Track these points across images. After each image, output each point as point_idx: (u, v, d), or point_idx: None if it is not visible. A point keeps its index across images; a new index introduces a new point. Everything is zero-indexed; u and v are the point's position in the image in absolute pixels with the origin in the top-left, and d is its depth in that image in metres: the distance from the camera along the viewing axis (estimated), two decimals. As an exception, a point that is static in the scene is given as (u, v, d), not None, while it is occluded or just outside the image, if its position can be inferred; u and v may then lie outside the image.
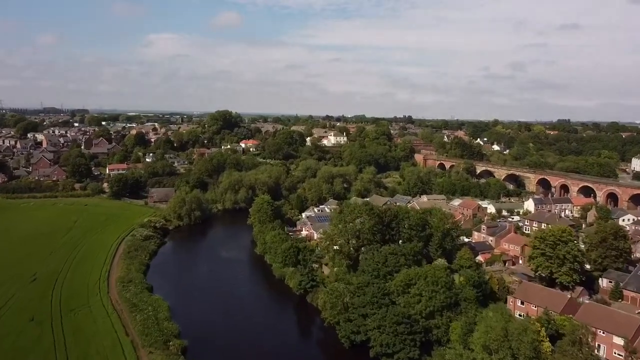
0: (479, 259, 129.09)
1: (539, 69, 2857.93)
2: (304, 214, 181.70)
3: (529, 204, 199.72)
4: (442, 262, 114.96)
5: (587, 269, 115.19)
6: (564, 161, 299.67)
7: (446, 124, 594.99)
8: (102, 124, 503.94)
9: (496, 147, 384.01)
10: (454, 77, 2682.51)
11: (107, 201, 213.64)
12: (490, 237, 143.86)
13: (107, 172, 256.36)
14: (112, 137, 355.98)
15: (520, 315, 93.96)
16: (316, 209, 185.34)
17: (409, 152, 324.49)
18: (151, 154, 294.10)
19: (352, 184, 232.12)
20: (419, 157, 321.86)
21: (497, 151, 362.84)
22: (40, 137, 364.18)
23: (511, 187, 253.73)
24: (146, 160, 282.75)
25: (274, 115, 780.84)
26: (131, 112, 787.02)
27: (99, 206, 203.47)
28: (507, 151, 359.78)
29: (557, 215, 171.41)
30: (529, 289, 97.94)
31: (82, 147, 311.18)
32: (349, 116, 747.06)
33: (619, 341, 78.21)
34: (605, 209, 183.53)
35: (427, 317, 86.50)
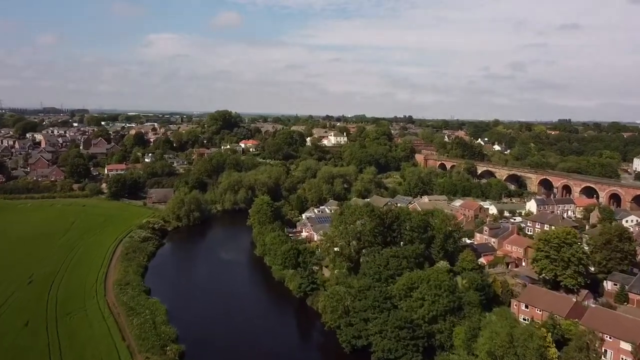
0: (482, 261, 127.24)
1: (539, 69, 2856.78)
2: (304, 215, 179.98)
3: (531, 204, 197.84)
4: (444, 264, 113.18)
5: (591, 271, 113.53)
6: (565, 161, 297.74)
7: (446, 124, 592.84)
8: (102, 124, 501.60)
9: (497, 147, 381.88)
10: (454, 77, 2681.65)
11: (105, 202, 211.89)
12: (492, 239, 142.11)
13: (106, 172, 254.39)
14: (111, 137, 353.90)
15: (524, 319, 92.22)
16: (316, 210, 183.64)
17: (410, 152, 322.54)
18: (150, 154, 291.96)
19: (353, 185, 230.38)
20: (419, 157, 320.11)
21: (498, 151, 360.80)
22: (39, 137, 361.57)
23: (513, 187, 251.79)
24: (145, 160, 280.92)
25: (274, 115, 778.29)
26: (131, 112, 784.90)
27: (97, 207, 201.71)
28: (508, 151, 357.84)
29: (560, 216, 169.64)
30: (534, 293, 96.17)
31: (81, 147, 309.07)
32: (349, 116, 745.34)
33: (626, 347, 76.36)
34: (608, 209, 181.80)
35: (430, 322, 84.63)
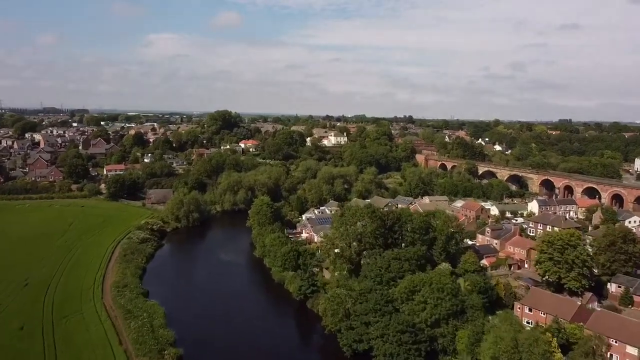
0: (484, 262, 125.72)
1: (539, 69, 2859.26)
2: (304, 216, 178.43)
3: (532, 205, 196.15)
4: (446, 266, 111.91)
5: (594, 273, 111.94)
6: (567, 162, 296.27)
7: (447, 124, 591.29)
8: (101, 124, 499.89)
9: (498, 148, 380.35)
10: (454, 77, 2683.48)
11: (104, 202, 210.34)
12: (494, 240, 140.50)
13: (105, 172, 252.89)
14: (110, 137, 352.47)
15: (528, 322, 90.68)
16: (316, 211, 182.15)
17: (410, 152, 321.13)
18: (149, 155, 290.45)
19: (353, 185, 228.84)
20: (420, 158, 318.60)
21: (499, 151, 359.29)
22: (38, 137, 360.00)
23: (514, 188, 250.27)
24: (144, 160, 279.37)
25: (274, 115, 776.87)
26: (131, 112, 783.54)
27: (96, 208, 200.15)
28: (509, 151, 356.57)
29: (563, 217, 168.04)
30: (538, 296, 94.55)
31: (80, 148, 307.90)
32: (349, 116, 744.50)
33: (632, 351, 74.97)
34: (611, 210, 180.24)
35: (433, 326, 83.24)
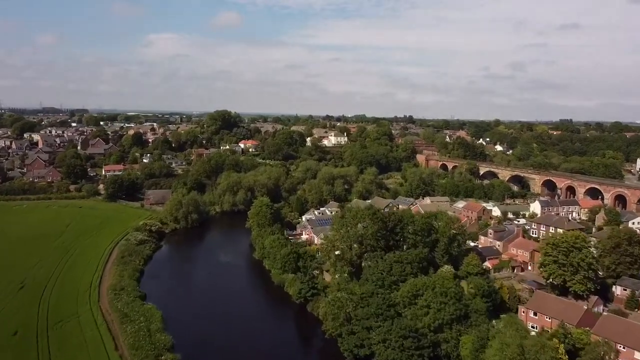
0: (487, 265, 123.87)
1: (539, 69, 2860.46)
2: (304, 217, 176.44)
3: (535, 206, 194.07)
4: (448, 268, 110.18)
5: (599, 276, 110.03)
6: (568, 162, 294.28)
7: (447, 124, 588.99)
8: (100, 124, 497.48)
9: (499, 148, 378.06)
10: (454, 77, 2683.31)
11: (102, 203, 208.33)
12: (497, 242, 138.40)
13: (103, 173, 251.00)
14: (109, 137, 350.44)
15: (533, 327, 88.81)
16: (317, 212, 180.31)
17: (411, 152, 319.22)
18: (148, 155, 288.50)
19: (353, 186, 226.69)
20: (421, 158, 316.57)
21: (500, 152, 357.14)
22: (36, 137, 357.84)
23: (515, 188, 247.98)
24: (143, 161, 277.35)
25: (274, 115, 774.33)
26: (131, 112, 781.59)
27: (94, 208, 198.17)
28: (511, 152, 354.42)
29: (566, 218, 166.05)
30: (543, 299, 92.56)
31: (79, 148, 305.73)
32: (349, 116, 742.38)
33: (641, 357, 73.21)
34: (614, 211, 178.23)
35: (436, 331, 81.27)
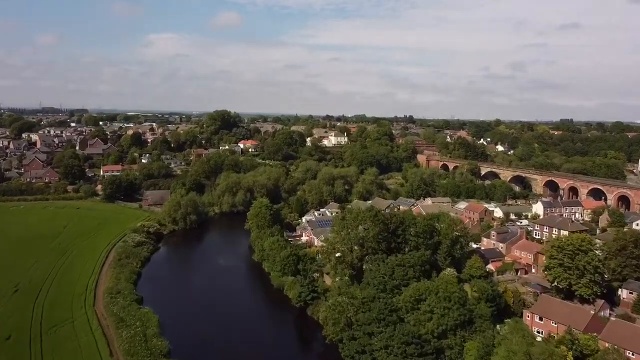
0: (490, 267, 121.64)
1: (539, 69, 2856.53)
2: (304, 218, 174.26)
3: (537, 207, 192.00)
4: (451, 271, 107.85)
5: (605, 279, 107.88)
6: (570, 162, 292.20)
7: (448, 124, 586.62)
8: (99, 124, 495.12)
9: (500, 148, 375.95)
10: (454, 77, 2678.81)
11: (100, 204, 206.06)
12: (500, 244, 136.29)
13: (102, 173, 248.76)
14: (107, 137, 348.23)
15: (538, 332, 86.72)
16: (317, 213, 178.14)
17: (412, 152, 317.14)
18: (147, 155, 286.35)
19: (354, 186, 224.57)
20: (421, 158, 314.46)
21: (501, 152, 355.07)
22: (35, 137, 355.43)
23: (517, 189, 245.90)
24: (142, 161, 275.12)
25: (273, 115, 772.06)
26: (131, 112, 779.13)
27: (92, 209, 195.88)
28: (512, 152, 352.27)
29: (569, 219, 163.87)
30: (548, 304, 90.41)
31: (77, 148, 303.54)
32: (349, 116, 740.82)
33: (651, 364, 71.09)
34: (618, 212, 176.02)
35: (439, 337, 79.08)
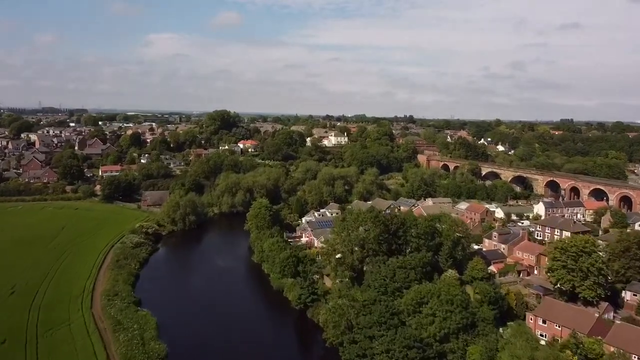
0: (492, 269, 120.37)
1: (539, 69, 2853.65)
2: (303, 219, 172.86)
3: (539, 207, 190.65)
4: (453, 273, 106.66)
5: (609, 280, 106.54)
6: (571, 162, 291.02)
7: (448, 124, 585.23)
8: (99, 123, 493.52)
9: (501, 148, 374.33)
10: (454, 76, 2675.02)
11: (98, 205, 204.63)
12: (502, 245, 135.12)
13: (100, 173, 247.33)
14: (107, 137, 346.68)
15: (542, 335, 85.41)
16: (317, 214, 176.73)
17: (412, 152, 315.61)
18: (146, 155, 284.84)
19: (354, 186, 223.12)
20: (422, 158, 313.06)
21: (502, 152, 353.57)
22: (33, 137, 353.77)
23: (518, 189, 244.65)
24: (141, 161, 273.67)
25: (273, 115, 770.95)
26: (130, 112, 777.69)
27: (90, 210, 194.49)
28: (512, 152, 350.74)
29: (571, 220, 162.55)
30: (552, 306, 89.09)
31: (76, 148, 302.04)
32: (349, 116, 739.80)
33: (657, 369, 69.76)
34: (620, 213, 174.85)
35: (442, 341, 77.75)
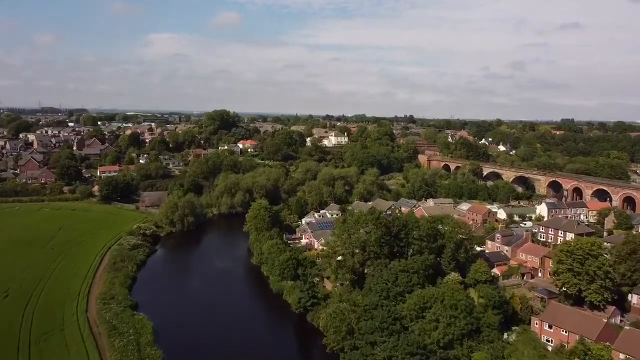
0: (495, 271, 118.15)
1: (539, 69, 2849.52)
2: (303, 220, 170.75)
3: (541, 208, 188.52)
4: (455, 276, 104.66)
5: (615, 284, 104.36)
6: (573, 162, 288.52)
7: (449, 124, 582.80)
8: (98, 123, 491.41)
9: (502, 148, 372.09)
10: (454, 76, 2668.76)
11: (96, 205, 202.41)
12: (505, 247, 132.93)
13: (98, 174, 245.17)
14: (105, 137, 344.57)
15: (548, 340, 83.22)
16: (317, 215, 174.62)
17: (413, 152, 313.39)
18: (145, 155, 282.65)
19: (354, 187, 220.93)
20: (422, 158, 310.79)
21: (503, 152, 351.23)
22: (32, 137, 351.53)
23: (520, 189, 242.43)
24: (140, 161, 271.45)
25: (273, 114, 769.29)
26: (130, 112, 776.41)
27: (88, 211, 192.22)
28: (514, 152, 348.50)
29: (575, 221, 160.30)
30: (558, 311, 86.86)
31: (74, 148, 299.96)
32: (349, 116, 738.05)
33: (668, 377, 67.61)
34: (624, 214, 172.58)
35: (445, 347, 75.59)
